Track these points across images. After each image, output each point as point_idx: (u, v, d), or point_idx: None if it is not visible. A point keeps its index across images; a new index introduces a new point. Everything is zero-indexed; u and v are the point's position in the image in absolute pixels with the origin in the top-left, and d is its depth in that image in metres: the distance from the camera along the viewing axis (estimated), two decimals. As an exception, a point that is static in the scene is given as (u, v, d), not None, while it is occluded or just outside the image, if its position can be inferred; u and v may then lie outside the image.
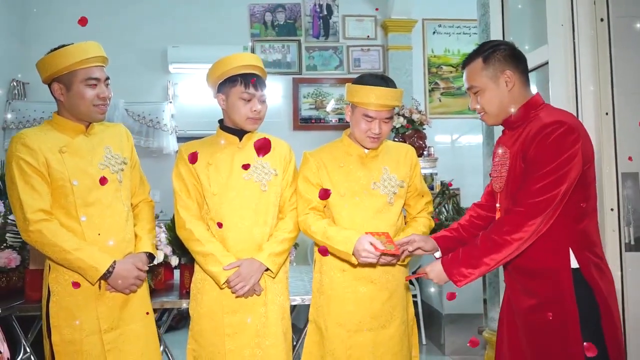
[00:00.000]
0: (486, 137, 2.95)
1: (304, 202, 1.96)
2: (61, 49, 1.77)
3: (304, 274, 2.87)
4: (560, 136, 1.44)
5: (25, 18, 4.91)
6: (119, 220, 1.83)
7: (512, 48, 1.61)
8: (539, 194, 1.43)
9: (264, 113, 1.94)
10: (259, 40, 5.22)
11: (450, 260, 1.56)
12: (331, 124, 5.24)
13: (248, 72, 1.90)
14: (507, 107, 1.58)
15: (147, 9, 5.01)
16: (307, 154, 2.02)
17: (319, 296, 1.97)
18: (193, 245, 1.88)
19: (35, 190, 1.70)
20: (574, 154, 1.44)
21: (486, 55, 1.58)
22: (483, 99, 1.60)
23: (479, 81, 1.60)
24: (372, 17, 5.31)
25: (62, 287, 1.74)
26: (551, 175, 1.43)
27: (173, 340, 3.43)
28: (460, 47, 5.38)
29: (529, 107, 1.57)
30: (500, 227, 1.50)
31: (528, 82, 1.61)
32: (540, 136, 1.46)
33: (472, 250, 1.53)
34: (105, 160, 1.83)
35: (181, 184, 1.93)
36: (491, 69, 1.57)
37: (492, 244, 1.49)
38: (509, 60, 1.58)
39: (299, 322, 3.83)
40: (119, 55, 4.89)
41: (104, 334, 1.75)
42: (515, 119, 1.59)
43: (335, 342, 1.90)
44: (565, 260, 1.48)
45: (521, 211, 1.46)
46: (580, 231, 1.50)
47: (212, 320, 1.87)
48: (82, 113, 1.80)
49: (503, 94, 1.57)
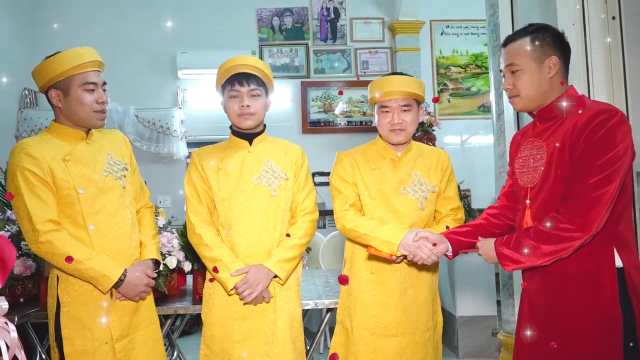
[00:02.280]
0: (497, 137, 2.93)
1: (342, 198, 1.95)
2: (57, 54, 1.75)
3: (316, 277, 2.86)
4: (615, 125, 1.36)
5: (35, 26, 4.97)
6: (124, 227, 1.82)
7: (561, 35, 1.53)
8: (596, 187, 1.35)
9: (257, 108, 1.91)
10: (267, 44, 5.23)
11: (503, 243, 1.47)
12: (340, 127, 5.24)
13: (235, 72, 1.89)
14: (544, 94, 1.51)
15: (155, 16, 5.04)
16: (341, 154, 2.01)
17: (347, 297, 1.97)
18: (202, 250, 1.89)
19: (42, 201, 1.68)
20: (627, 146, 1.37)
21: (535, 35, 1.51)
22: (521, 80, 1.51)
23: (522, 60, 1.51)
24: (380, 20, 5.31)
25: (73, 298, 1.72)
26: (607, 168, 1.34)
27: (186, 344, 3.44)
28: (469, 48, 5.36)
29: (566, 99, 1.49)
30: (555, 222, 1.39)
31: (567, 73, 1.54)
32: (593, 124, 1.37)
33: (524, 240, 1.43)
34: (107, 167, 1.82)
35: (192, 190, 1.93)
36: (538, 50, 1.49)
37: (552, 237, 1.39)
38: (557, 45, 1.51)
39: (312, 326, 3.83)
40: (129, 63, 4.95)
41: (115, 342, 1.74)
42: (550, 110, 1.51)
43: (359, 345, 1.89)
44: (610, 261, 1.40)
45: (578, 206, 1.36)
46: (620, 230, 1.43)
47: (223, 326, 1.87)
48: (81, 119, 1.78)
49: (544, 78, 1.50)
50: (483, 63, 5.35)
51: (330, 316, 2.35)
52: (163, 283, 2.22)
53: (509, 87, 1.56)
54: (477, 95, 5.36)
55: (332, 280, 2.76)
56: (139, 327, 1.83)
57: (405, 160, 1.96)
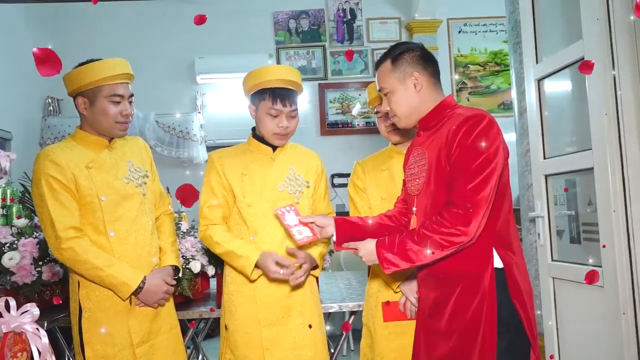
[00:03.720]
0: (520, 135, 2.90)
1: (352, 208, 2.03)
2: (89, 64, 1.78)
3: (338, 279, 2.86)
4: (485, 129, 1.42)
5: (56, 35, 5.05)
6: (144, 234, 1.83)
7: (421, 49, 1.60)
8: (473, 192, 1.39)
9: (292, 128, 1.91)
10: (284, 47, 5.25)
11: (385, 245, 1.47)
12: (358, 128, 5.22)
13: (278, 87, 1.87)
14: (417, 109, 1.57)
15: (173, 22, 5.10)
16: (356, 163, 2.08)
17: (369, 299, 1.99)
18: (215, 248, 1.89)
19: (65, 207, 1.70)
20: (498, 147, 1.43)
21: (395, 56, 1.58)
22: (392, 102, 1.59)
23: (388, 83, 1.59)
24: (396, 19, 5.28)
25: (93, 303, 1.74)
26: (482, 171, 1.39)
27: (210, 348, 3.46)
28: (488, 46, 5.31)
29: (442, 108, 1.56)
30: (439, 226, 1.41)
31: (439, 84, 1.61)
32: (463, 129, 1.43)
33: (408, 243, 1.44)
34: (129, 174, 1.84)
35: (209, 193, 1.91)
36: (399, 70, 1.57)
37: (432, 242, 1.41)
38: (417, 62, 1.57)
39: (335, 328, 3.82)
40: (149, 69, 5.00)
41: (136, 347, 1.75)
42: (428, 119, 1.57)
43: (382, 344, 1.90)
44: (488, 261, 1.44)
45: (461, 213, 1.39)
46: (499, 230, 1.47)
47: (247, 333, 1.85)
48: (103, 129, 1.81)
49: (411, 95, 1.57)
50: (502, 60, 5.29)
51: (354, 319, 2.35)
52: (187, 287, 2.23)
53: (386, 109, 1.63)
54: (496, 93, 5.30)
55: (355, 283, 2.75)
56: (160, 333, 1.84)
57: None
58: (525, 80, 2.42)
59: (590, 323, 1.97)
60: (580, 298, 2.05)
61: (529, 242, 2.77)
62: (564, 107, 2.36)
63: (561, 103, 2.37)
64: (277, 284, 1.86)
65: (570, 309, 2.13)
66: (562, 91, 2.35)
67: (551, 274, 2.22)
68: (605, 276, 1.85)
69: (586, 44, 1.94)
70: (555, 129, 2.32)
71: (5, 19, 4.20)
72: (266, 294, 1.86)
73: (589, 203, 2.08)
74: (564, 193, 2.25)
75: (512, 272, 1.44)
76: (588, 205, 2.09)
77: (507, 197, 1.51)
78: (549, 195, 2.29)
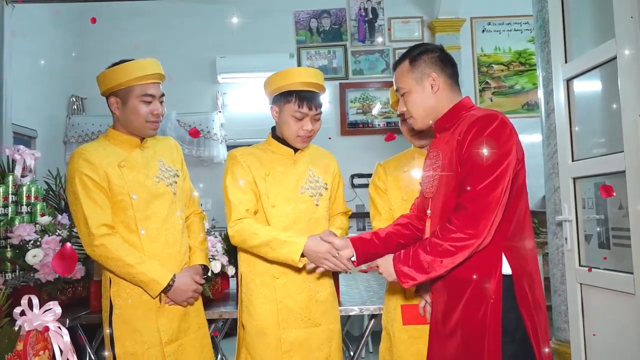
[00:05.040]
0: (547, 136, 2.83)
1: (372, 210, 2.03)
2: (121, 64, 1.81)
3: (359, 281, 2.83)
4: (496, 129, 1.38)
5: (81, 35, 5.12)
6: (174, 233, 1.85)
7: (441, 51, 1.59)
8: (484, 193, 1.35)
9: (316, 131, 1.90)
10: (305, 46, 5.23)
11: (401, 259, 1.46)
12: (378, 128, 5.18)
13: (303, 90, 1.84)
14: (433, 110, 1.56)
15: (194, 21, 5.13)
16: (378, 165, 2.07)
17: (388, 302, 1.98)
18: (252, 240, 1.78)
19: (98, 205, 1.73)
20: (510, 148, 1.39)
21: (413, 57, 1.58)
22: (409, 102, 1.58)
23: (405, 83, 1.58)
24: (419, 19, 5.22)
25: (124, 300, 1.76)
26: (493, 172, 1.36)
27: (229, 347, 3.46)
28: (512, 45, 5.21)
29: (458, 109, 1.54)
30: (448, 232, 1.39)
31: (457, 86, 1.59)
32: (474, 130, 1.40)
33: (421, 254, 1.43)
34: (160, 174, 1.86)
35: (235, 188, 1.85)
36: (417, 71, 1.56)
37: (446, 250, 1.39)
38: (436, 63, 1.56)
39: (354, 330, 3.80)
40: (170, 68, 4.97)
41: (165, 346, 1.77)
42: (444, 121, 1.55)
43: (401, 348, 1.89)
44: (496, 267, 1.39)
45: (469, 215, 1.36)
46: (511, 236, 1.42)
47: (265, 335, 1.83)
48: (135, 128, 1.84)
49: (428, 96, 1.56)
50: (527, 60, 5.19)
51: (374, 322, 2.32)
52: (208, 287, 2.23)
53: (402, 110, 1.62)
54: (520, 93, 5.20)
55: (375, 285, 2.72)
56: (189, 331, 1.85)
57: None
58: (553, 80, 2.36)
59: (621, 331, 1.91)
60: (609, 305, 1.99)
61: (556, 246, 2.71)
62: (594, 108, 2.29)
63: (591, 104, 2.30)
64: (298, 285, 1.84)
65: (599, 316, 2.06)
66: (592, 91, 2.29)
67: (579, 280, 2.16)
68: (637, 283, 1.78)
69: (619, 42, 1.88)
70: (584, 131, 2.26)
71: (32, 19, 4.27)
72: (286, 295, 1.84)
73: (619, 207, 2.02)
74: (592, 196, 2.19)
75: (521, 280, 1.40)
76: (619, 209, 2.02)
77: (522, 201, 1.46)
78: (577, 198, 2.22)
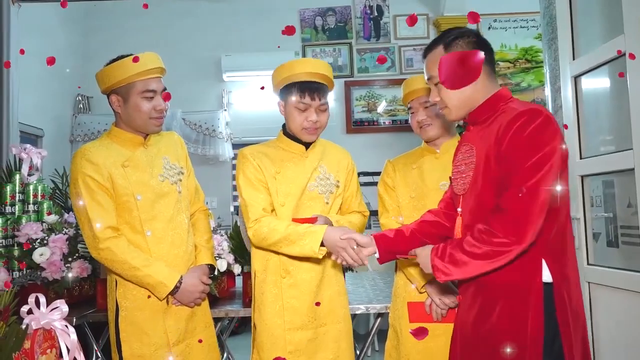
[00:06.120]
0: (553, 135, 2.81)
1: (380, 206, 2.01)
2: (119, 60, 1.75)
3: (365, 280, 2.82)
4: (541, 125, 1.26)
5: (87, 34, 5.14)
6: (180, 233, 1.82)
7: (477, 36, 1.44)
8: (527, 196, 1.24)
9: (323, 122, 1.86)
10: (310, 44, 5.22)
11: (438, 253, 1.36)
12: (384, 126, 5.16)
13: (306, 80, 1.82)
14: (469, 100, 1.42)
15: (200, 20, 5.13)
16: (387, 161, 2.05)
17: (395, 300, 1.96)
18: (273, 235, 1.73)
19: (103, 207, 1.69)
20: (556, 147, 1.26)
21: (448, 42, 1.42)
22: (443, 91, 1.43)
23: None
24: (425, 16, 5.20)
25: (130, 302, 1.73)
26: (537, 172, 1.24)
27: (234, 345, 3.46)
28: (518, 42, 5.17)
29: (495, 100, 1.40)
30: (489, 235, 1.27)
31: (494, 75, 1.46)
32: (516, 125, 1.27)
33: (458, 254, 1.32)
34: (164, 172, 1.82)
35: (249, 188, 1.81)
36: None
37: (486, 253, 1.28)
38: (473, 48, 1.41)
39: (360, 328, 3.79)
40: (175, 66, 5.02)
41: (172, 347, 1.74)
42: (480, 112, 1.42)
43: (408, 346, 1.87)
44: (537, 274, 1.30)
45: (513, 219, 1.25)
46: (552, 241, 1.32)
47: (272, 335, 1.82)
48: (138, 125, 1.79)
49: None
50: (533, 57, 5.16)
51: (380, 320, 2.31)
52: (214, 286, 2.23)
53: (436, 100, 1.47)
54: (527, 91, 5.16)
55: (381, 283, 2.71)
56: (196, 332, 1.83)
57: (446, 156, 1.88)
58: (561, 77, 2.34)
59: (629, 330, 1.89)
60: (618, 304, 1.97)
61: (563, 244, 2.69)
62: (602, 105, 2.27)
63: (599, 101, 2.28)
64: (305, 285, 1.82)
65: (607, 315, 2.05)
66: (600, 88, 2.27)
67: (587, 278, 2.15)
68: (646, 282, 1.77)
69: (627, 38, 1.86)
70: (592, 128, 2.24)
71: (39, 18, 4.28)
72: (292, 295, 1.82)
73: (628, 205, 2.00)
74: (600, 194, 2.17)
75: (561, 289, 1.31)
76: (627, 207, 2.00)
77: (564, 204, 1.35)
78: (585, 196, 2.21)
